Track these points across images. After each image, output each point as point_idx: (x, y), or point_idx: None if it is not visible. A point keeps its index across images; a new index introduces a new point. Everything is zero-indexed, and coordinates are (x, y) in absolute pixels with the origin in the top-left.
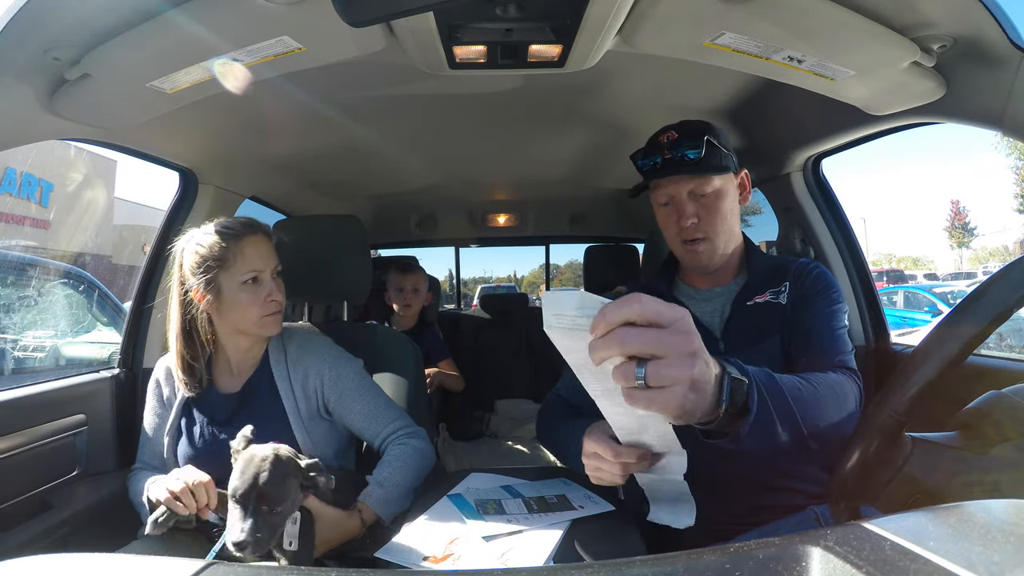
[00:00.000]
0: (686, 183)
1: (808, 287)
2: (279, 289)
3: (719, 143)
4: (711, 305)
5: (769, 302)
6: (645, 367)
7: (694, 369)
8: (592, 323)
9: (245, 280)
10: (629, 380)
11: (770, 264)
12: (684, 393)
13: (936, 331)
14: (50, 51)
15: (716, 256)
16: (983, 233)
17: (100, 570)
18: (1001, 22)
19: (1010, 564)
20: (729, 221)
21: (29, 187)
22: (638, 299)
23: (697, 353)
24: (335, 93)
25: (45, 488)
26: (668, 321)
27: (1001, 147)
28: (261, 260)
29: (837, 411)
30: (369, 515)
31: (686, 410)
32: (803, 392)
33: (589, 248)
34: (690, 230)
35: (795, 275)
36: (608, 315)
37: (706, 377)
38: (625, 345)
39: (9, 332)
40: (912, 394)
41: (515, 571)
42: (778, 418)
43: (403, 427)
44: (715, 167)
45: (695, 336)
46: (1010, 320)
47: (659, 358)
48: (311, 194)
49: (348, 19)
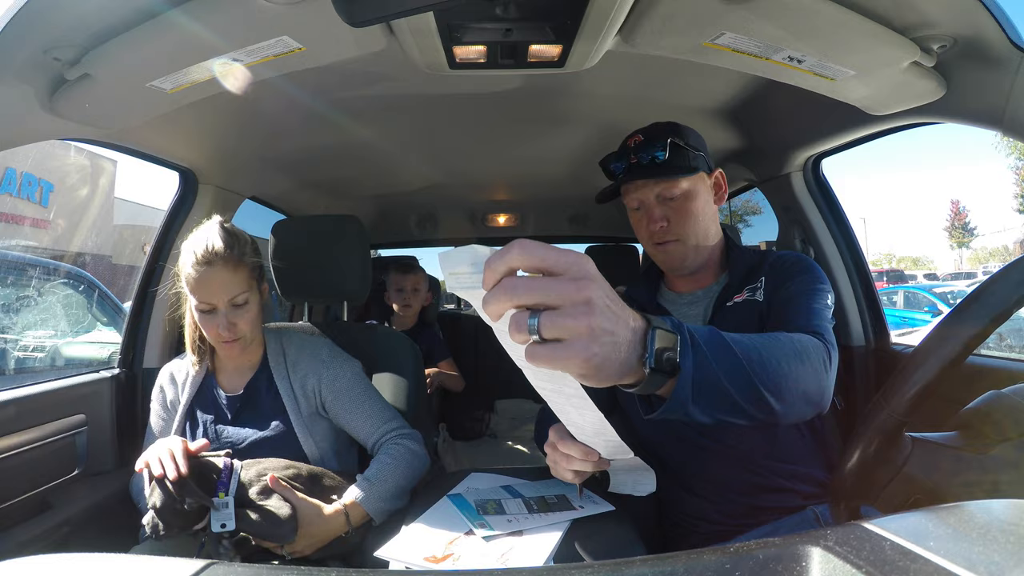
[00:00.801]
0: (653, 187)
1: (783, 273)
2: (238, 317)
3: (687, 144)
4: (694, 309)
5: (747, 300)
6: (539, 316)
7: (592, 318)
8: (483, 277)
9: (200, 308)
10: (522, 331)
11: (749, 261)
12: (585, 345)
13: (936, 331)
14: (50, 51)
15: (689, 257)
16: (983, 233)
17: (100, 570)
18: (1001, 22)
19: (1010, 564)
20: (702, 221)
21: (29, 187)
22: (520, 244)
23: (592, 300)
24: (335, 93)
25: (45, 488)
26: (561, 267)
27: (1001, 147)
28: (215, 295)
29: (799, 367)
30: (356, 513)
31: (593, 365)
32: (756, 347)
33: (589, 248)
34: (660, 233)
35: (770, 268)
36: (492, 264)
37: (611, 328)
38: (513, 295)
39: (9, 332)
40: (912, 394)
41: (515, 571)
42: (725, 377)
43: (397, 428)
44: (681, 168)
45: (592, 282)
46: (1010, 320)
47: (552, 308)
48: (311, 194)
49: (348, 19)
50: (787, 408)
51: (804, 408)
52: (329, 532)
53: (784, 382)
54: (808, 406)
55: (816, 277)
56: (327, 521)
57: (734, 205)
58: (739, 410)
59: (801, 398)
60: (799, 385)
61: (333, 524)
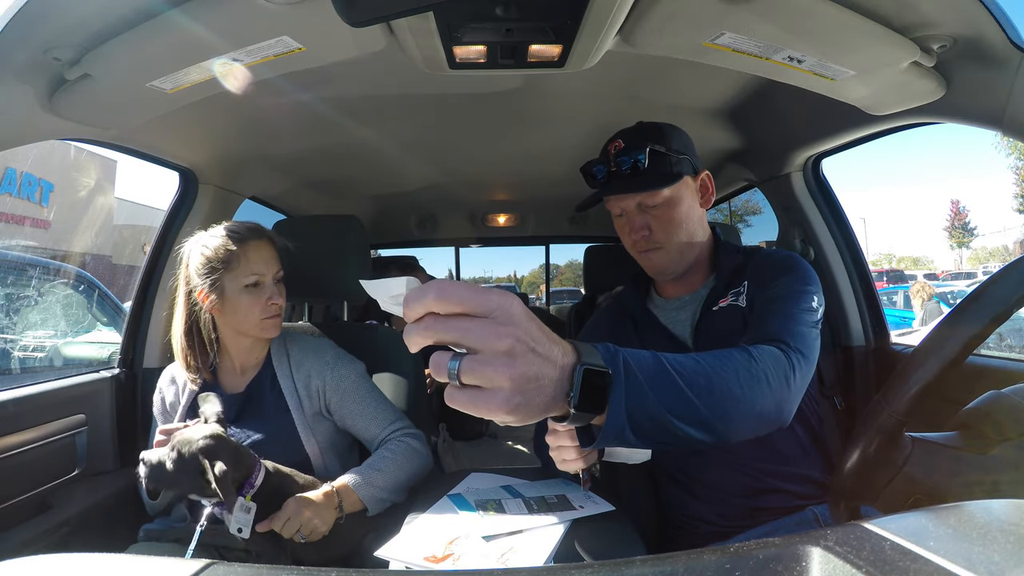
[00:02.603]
0: (632, 197)
1: (765, 275)
2: (280, 294)
3: (669, 149)
4: (683, 314)
5: (731, 305)
6: (459, 361)
7: (513, 368)
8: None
9: (247, 283)
10: (440, 373)
11: (735, 262)
12: (507, 397)
13: (936, 331)
14: (50, 51)
15: (673, 263)
16: (983, 233)
17: (100, 570)
18: (1001, 22)
19: (1010, 564)
20: (685, 227)
21: (29, 187)
22: (439, 286)
23: (513, 349)
24: (335, 93)
25: (45, 488)
26: (482, 311)
27: (1001, 147)
28: (264, 264)
29: (752, 388)
30: (348, 497)
31: (515, 410)
32: (704, 371)
33: (589, 248)
34: (642, 241)
35: (754, 269)
36: (409, 303)
37: (535, 373)
38: (430, 331)
39: (9, 332)
40: (912, 394)
41: (515, 571)
42: (665, 406)
43: (402, 427)
44: (661, 177)
45: (515, 327)
46: (1010, 320)
47: (475, 351)
48: (311, 194)
49: (348, 19)
50: (736, 430)
51: (757, 427)
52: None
53: (734, 405)
54: (763, 425)
55: (800, 277)
56: (320, 502)
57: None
58: (682, 438)
59: (753, 419)
60: (752, 407)
61: (325, 504)
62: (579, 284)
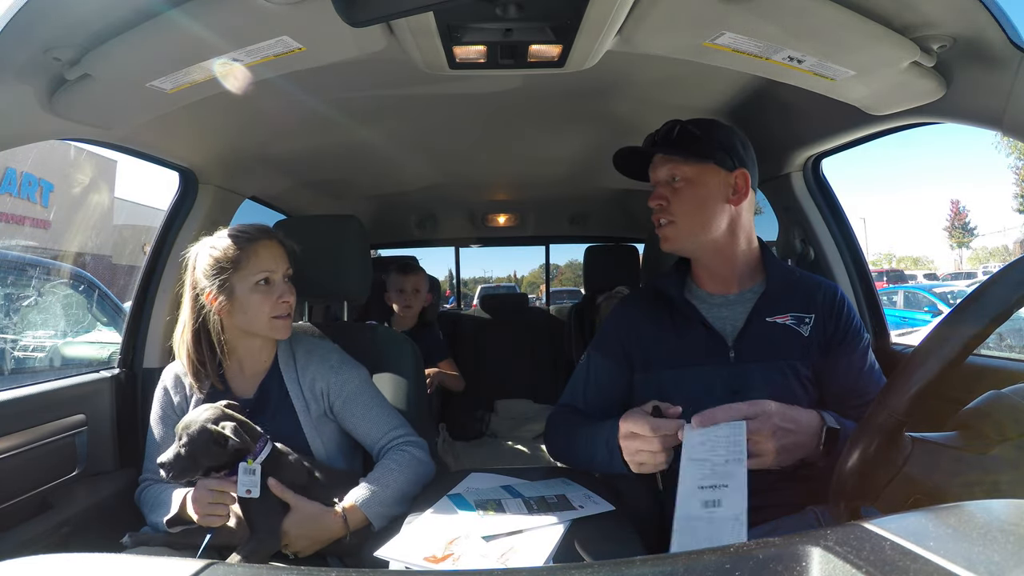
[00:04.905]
0: (663, 164)
1: (840, 330)
2: (291, 292)
3: (706, 134)
4: (727, 311)
5: (790, 327)
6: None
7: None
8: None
9: (257, 281)
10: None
11: (789, 278)
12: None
13: (936, 331)
14: (50, 51)
15: (682, 240)
16: (983, 233)
17: (100, 570)
18: (1001, 22)
19: (1010, 564)
20: (704, 212)
21: (29, 187)
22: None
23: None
24: (335, 93)
25: (45, 488)
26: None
27: (1001, 147)
28: (273, 262)
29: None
30: (355, 516)
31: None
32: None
33: (589, 248)
34: (657, 210)
35: (821, 308)
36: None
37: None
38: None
39: (9, 332)
40: (912, 394)
41: (515, 571)
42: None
43: (404, 435)
44: (686, 151)
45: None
46: (1010, 320)
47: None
48: (311, 194)
49: (348, 19)
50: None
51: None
52: (326, 533)
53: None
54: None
55: (864, 331)
56: (325, 523)
57: None
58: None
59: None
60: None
61: (331, 526)
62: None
